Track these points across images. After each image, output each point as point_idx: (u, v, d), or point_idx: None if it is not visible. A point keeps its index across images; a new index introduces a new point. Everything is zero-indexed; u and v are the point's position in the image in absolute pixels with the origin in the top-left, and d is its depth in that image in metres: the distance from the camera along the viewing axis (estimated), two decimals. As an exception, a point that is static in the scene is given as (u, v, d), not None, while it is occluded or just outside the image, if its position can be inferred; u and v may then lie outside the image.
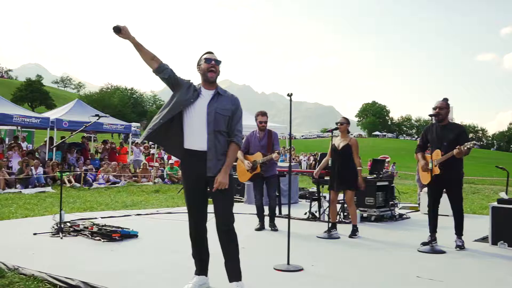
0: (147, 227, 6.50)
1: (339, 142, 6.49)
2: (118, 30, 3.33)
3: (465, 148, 5.17)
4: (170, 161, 17.43)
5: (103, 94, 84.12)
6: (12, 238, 5.61)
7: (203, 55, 3.64)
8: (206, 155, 3.45)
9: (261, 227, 6.77)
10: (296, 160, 26.58)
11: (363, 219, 7.75)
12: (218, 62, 3.57)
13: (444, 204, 5.93)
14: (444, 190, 5.73)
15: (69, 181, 13.30)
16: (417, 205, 9.87)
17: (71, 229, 5.99)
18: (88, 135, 28.96)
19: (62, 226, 5.90)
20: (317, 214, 8.00)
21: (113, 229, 5.73)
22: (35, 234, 5.77)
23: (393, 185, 8.36)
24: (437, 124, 5.72)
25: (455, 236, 5.61)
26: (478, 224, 7.46)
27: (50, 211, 8.20)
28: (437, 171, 5.48)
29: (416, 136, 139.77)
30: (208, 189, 3.55)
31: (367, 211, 7.81)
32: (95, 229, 5.76)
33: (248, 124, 11.48)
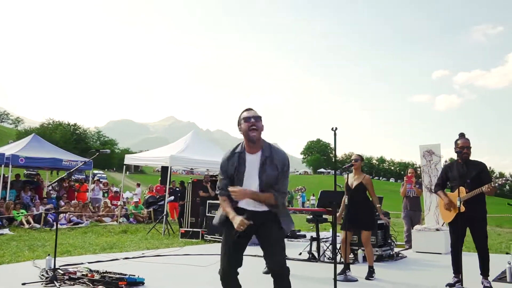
0: (146, 272, 5.87)
1: (352, 180, 6.23)
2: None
3: (497, 184, 5.08)
4: (134, 200, 16.58)
5: (44, 129, 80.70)
6: (0, 290, 4.87)
7: (241, 113, 3.34)
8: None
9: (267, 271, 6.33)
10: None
11: (365, 259, 7.47)
12: (258, 119, 3.26)
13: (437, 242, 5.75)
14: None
15: (28, 222, 12.24)
16: (403, 243, 9.73)
17: (65, 277, 5.31)
18: (29, 172, 27.11)
19: (54, 273, 5.22)
20: (316, 254, 7.65)
21: (118, 276, 5.12)
22: (24, 284, 5.05)
23: (389, 223, 8.19)
24: (457, 161, 5.62)
25: (481, 277, 5.43)
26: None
27: (23, 256, 7.34)
28: (463, 208, 5.33)
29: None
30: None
31: (369, 250, 7.55)
32: (96, 276, 5.11)
33: (198, 159, 10.39)
